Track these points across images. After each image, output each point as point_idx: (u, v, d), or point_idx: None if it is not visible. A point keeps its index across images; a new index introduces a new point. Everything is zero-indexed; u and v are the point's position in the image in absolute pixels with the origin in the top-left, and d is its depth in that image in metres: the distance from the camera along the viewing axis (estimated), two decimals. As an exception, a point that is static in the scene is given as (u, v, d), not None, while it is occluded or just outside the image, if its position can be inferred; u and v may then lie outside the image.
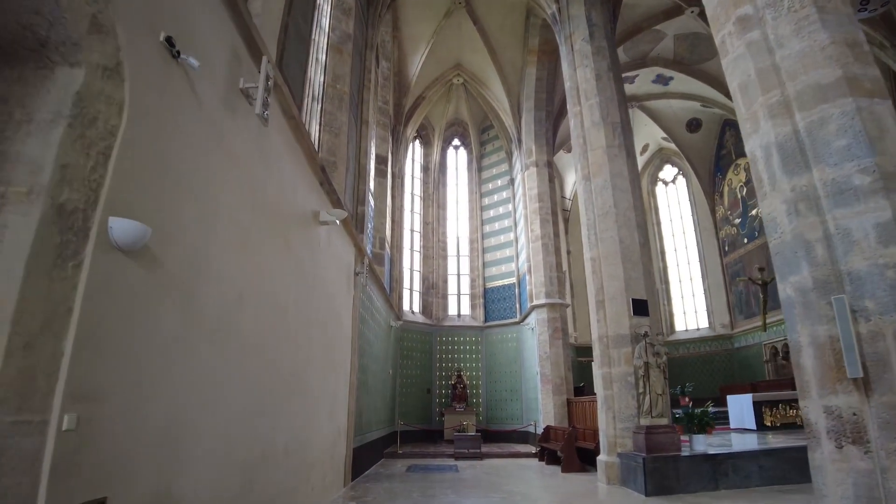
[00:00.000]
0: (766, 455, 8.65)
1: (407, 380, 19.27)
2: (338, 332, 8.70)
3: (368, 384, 12.18)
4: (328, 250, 8.08)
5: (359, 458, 10.67)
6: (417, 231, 21.87)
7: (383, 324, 14.98)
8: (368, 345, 12.14)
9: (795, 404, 13.51)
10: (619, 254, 10.65)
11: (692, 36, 19.68)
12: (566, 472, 11.26)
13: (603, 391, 10.22)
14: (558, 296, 17.08)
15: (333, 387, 8.37)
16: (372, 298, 12.73)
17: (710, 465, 8.47)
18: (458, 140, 23.89)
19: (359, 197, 10.81)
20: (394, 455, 14.58)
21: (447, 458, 14.14)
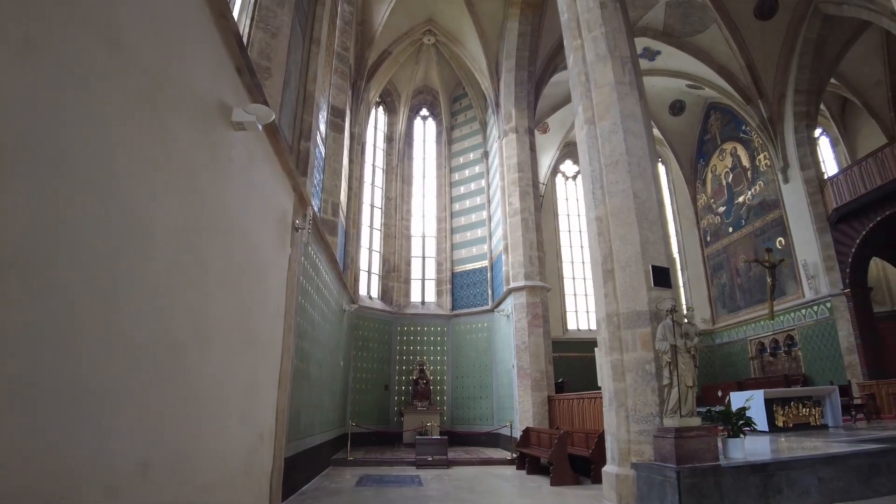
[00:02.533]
0: (825, 464, 6.59)
1: (362, 374, 16.77)
2: (261, 298, 6.21)
3: (311, 375, 9.68)
4: (248, 176, 5.59)
5: (294, 470, 8.21)
6: (378, 207, 19.39)
7: (334, 305, 12.49)
8: (312, 326, 9.64)
9: (809, 402, 11.68)
10: (633, 210, 8.45)
11: (685, 4, 17.92)
12: (557, 485, 9.03)
13: (612, 384, 8.01)
14: (539, 278, 14.90)
15: (251, 374, 5.87)
16: (319, 269, 10.23)
17: (759, 479, 6.33)
18: (426, 110, 21.54)
19: (303, 130, 8.33)
20: (343, 463, 12.10)
21: (407, 466, 11.75)
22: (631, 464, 7.42)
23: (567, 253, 25.94)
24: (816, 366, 16.78)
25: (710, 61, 19.23)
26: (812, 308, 17.05)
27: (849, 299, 15.83)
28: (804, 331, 17.41)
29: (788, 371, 17.72)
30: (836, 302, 16.11)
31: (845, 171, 16.38)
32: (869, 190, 15.03)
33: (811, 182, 17.39)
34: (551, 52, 17.50)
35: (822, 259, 16.65)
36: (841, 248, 16.38)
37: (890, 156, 14.49)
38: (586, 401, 11.49)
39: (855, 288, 15.90)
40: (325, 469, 11.35)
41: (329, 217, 12.05)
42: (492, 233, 18.39)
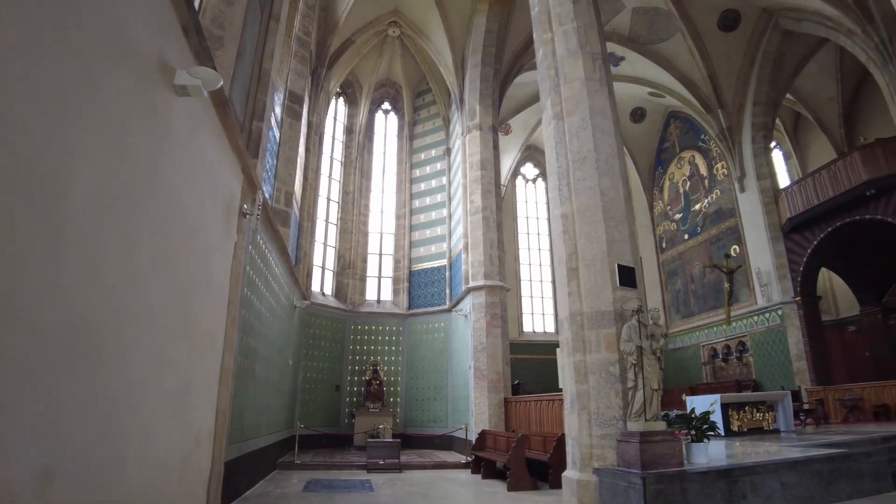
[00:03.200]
0: (788, 469, 6.47)
1: (312, 373, 16.12)
2: (202, 285, 5.63)
3: (257, 373, 9.07)
4: (191, 149, 5.03)
5: (236, 475, 7.62)
6: (335, 200, 18.74)
7: (284, 300, 11.86)
8: (259, 320, 9.03)
9: (763, 407, 11.74)
10: (600, 208, 8.24)
11: (652, 11, 18.01)
12: (514, 490, 8.69)
13: (574, 386, 7.73)
14: (499, 277, 14.62)
15: (187, 369, 5.30)
16: (268, 260, 9.63)
17: (724, 484, 6.14)
18: (388, 103, 21.00)
19: (256, 109, 7.75)
20: (290, 466, 11.49)
21: (358, 469, 11.23)
22: (593, 469, 7.15)
23: (525, 255, 25.89)
24: (767, 371, 17.08)
25: (672, 69, 19.39)
26: (764, 315, 17.36)
27: (799, 307, 16.18)
28: (756, 337, 17.71)
29: (740, 376, 18.00)
30: (787, 309, 16.44)
31: (800, 181, 16.75)
32: (822, 201, 15.38)
33: (766, 192, 17.73)
34: (517, 52, 17.31)
35: (775, 267, 16.97)
36: (793, 257, 16.74)
37: (842, 169, 14.85)
38: (545, 403, 11.23)
39: (805, 296, 16.27)
40: (271, 473, 10.72)
41: (281, 207, 11.42)
42: (451, 231, 18.03)
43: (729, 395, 11.80)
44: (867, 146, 14.50)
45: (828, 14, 14.39)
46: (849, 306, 19.82)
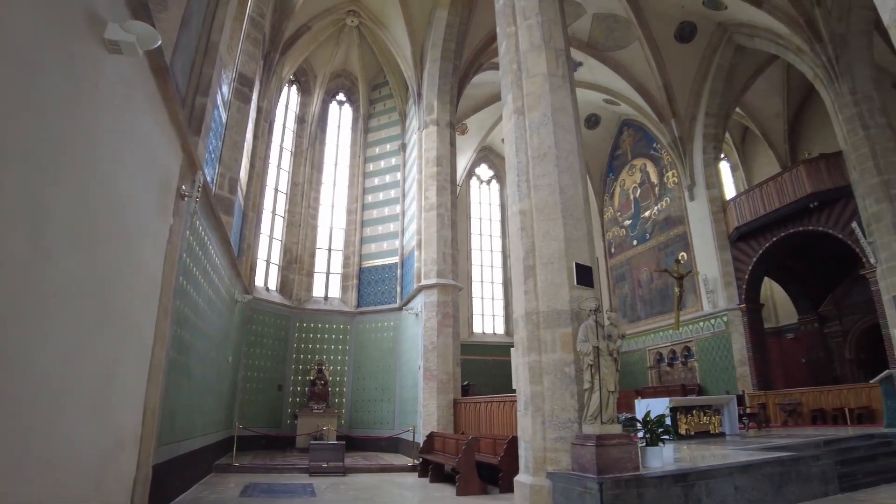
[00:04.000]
0: (742, 472, 6.43)
1: (253, 372, 15.39)
2: (130, 269, 5.07)
3: (192, 370, 8.44)
4: (123, 116, 4.48)
5: (167, 479, 7.01)
6: (283, 192, 18.00)
7: (225, 294, 11.20)
8: (196, 313, 8.41)
9: (709, 410, 11.87)
10: (559, 205, 8.04)
11: (611, 18, 18.14)
12: (464, 494, 8.39)
13: (529, 387, 7.48)
14: (452, 276, 14.33)
15: (109, 363, 4.73)
16: (208, 249, 9.00)
17: (681, 489, 6.01)
18: (343, 95, 20.40)
19: (201, 83, 7.15)
20: (227, 469, 10.83)
21: (300, 472, 10.68)
22: (546, 473, 6.92)
23: (477, 256, 25.79)
24: (711, 376, 17.45)
25: (629, 77, 19.62)
26: (710, 321, 17.74)
27: (743, 314, 16.61)
28: (701, 342, 18.08)
29: (685, 381, 18.33)
30: (731, 316, 16.85)
31: (748, 192, 17.21)
32: (768, 211, 15.83)
33: (715, 201, 18.16)
34: (477, 51, 17.10)
35: (721, 275, 17.38)
36: (739, 265, 17.18)
37: (788, 181, 15.32)
38: (496, 405, 10.99)
39: (749, 304, 16.73)
40: (206, 476, 10.05)
41: (225, 193, 10.77)
42: (405, 228, 17.62)
43: (678, 399, 11.86)
44: (812, 160, 14.99)
45: (779, 32, 14.84)
46: (788, 315, 20.59)
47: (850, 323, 18.33)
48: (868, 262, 13.12)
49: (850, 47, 13.68)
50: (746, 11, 15.33)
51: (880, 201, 12.67)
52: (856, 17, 13.69)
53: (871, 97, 13.37)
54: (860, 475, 7.49)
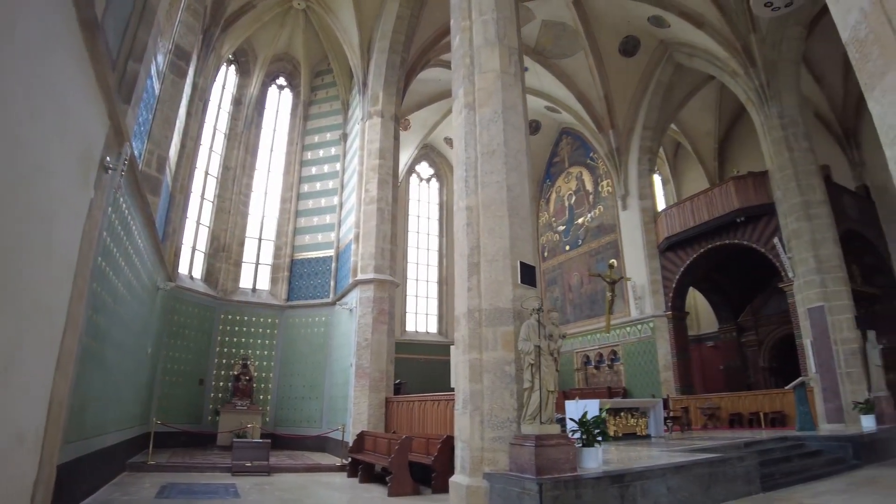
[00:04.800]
0: (674, 473, 6.56)
1: (174, 364, 14.50)
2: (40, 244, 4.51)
3: (108, 360, 7.76)
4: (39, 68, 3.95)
5: (74, 479, 6.41)
6: (214, 175, 17.09)
7: (146, 280, 10.44)
8: (115, 299, 7.74)
9: (637, 413, 12.17)
10: (505, 203, 8.00)
11: (559, 26, 18.42)
12: (396, 495, 8.15)
13: (468, 385, 7.36)
14: (389, 272, 14.05)
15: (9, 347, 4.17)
16: (131, 230, 8.33)
17: (617, 489, 6.04)
18: (284, 79, 19.63)
19: (135, 48, 6.55)
20: (143, 468, 10.09)
21: (221, 472, 10.11)
22: (483, 474, 6.80)
23: (413, 254, 25.58)
24: (636, 380, 18.02)
25: (571, 86, 19.98)
26: (636, 326, 18.30)
27: (669, 321, 17.27)
28: (627, 347, 18.63)
29: (611, 383, 18.84)
30: (657, 322, 17.46)
31: (678, 204, 17.89)
32: (697, 224, 16.51)
33: (647, 211, 18.79)
34: (426, 46, 16.91)
35: (649, 282, 17.98)
36: (666, 273, 17.83)
37: (718, 196, 16.06)
38: (429, 404, 10.82)
39: (675, 311, 17.42)
40: (119, 475, 9.32)
41: (153, 172, 10.03)
42: (342, 221, 17.14)
43: (608, 401, 12.10)
44: (740, 177, 15.75)
45: (717, 54, 15.55)
46: (709, 323, 21.65)
47: (766, 333, 19.46)
48: (787, 276, 13.89)
49: (781, 74, 14.49)
50: (688, 32, 15.95)
51: (800, 219, 13.46)
52: (787, 47, 14.53)
53: (797, 122, 14.21)
54: (778, 475, 7.84)
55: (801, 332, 13.38)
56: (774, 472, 7.91)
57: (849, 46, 3.87)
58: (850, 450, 9.31)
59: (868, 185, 17.57)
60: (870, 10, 3.62)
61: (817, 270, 13.01)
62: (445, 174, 27.13)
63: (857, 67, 3.89)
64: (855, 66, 3.90)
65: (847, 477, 8.22)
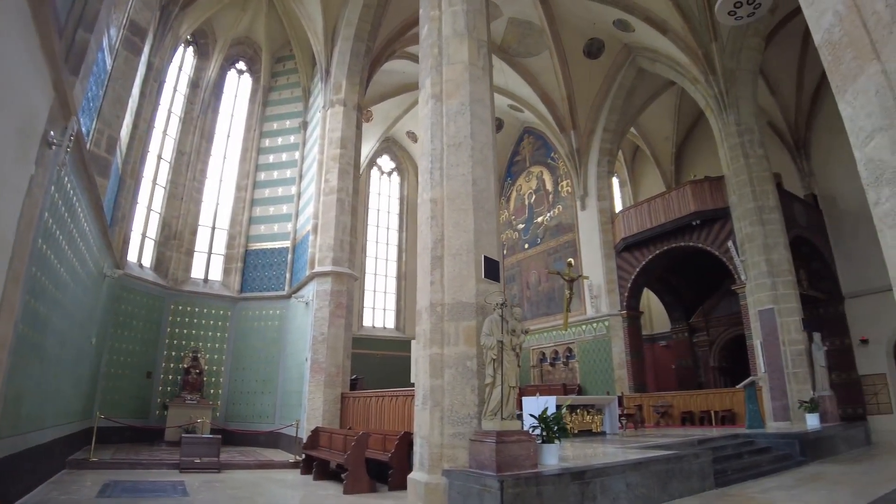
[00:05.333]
0: (633, 470, 6.61)
1: (120, 356, 13.85)
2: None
3: (47, 350, 7.28)
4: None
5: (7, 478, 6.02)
6: (167, 160, 16.39)
7: (92, 266, 9.90)
8: (56, 284, 7.27)
9: (592, 410, 12.32)
10: (470, 197, 7.94)
11: (526, 25, 18.44)
12: (352, 493, 7.94)
13: (429, 380, 7.25)
14: (348, 265, 13.78)
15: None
16: (76, 212, 7.85)
17: (577, 486, 6.03)
18: (244, 63, 19.00)
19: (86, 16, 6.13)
20: (84, 465, 9.56)
21: (169, 469, 9.69)
22: (443, 470, 6.71)
23: (372, 248, 25.30)
24: (590, 377, 18.26)
25: (535, 85, 20.06)
26: (592, 325, 18.55)
27: (624, 320, 17.59)
28: (583, 345, 18.87)
29: (566, 380, 19.05)
30: (612, 321, 17.75)
31: (636, 206, 18.20)
32: (654, 225, 16.83)
33: (605, 212, 19.09)
34: (392, 37, 16.69)
35: (606, 282, 18.25)
36: (622, 273, 18.14)
37: (675, 199, 16.41)
38: (387, 399, 10.64)
39: (630, 311, 17.75)
40: (58, 473, 8.79)
41: (102, 153, 9.48)
42: (299, 211, 16.72)
43: (565, 398, 12.17)
44: (697, 182, 16.14)
45: (679, 61, 15.88)
46: (662, 324, 22.16)
47: (716, 334, 20.05)
48: (739, 279, 14.31)
49: (739, 83, 14.93)
50: (652, 37, 16.23)
51: (754, 224, 13.89)
52: (745, 57, 14.99)
53: (753, 130, 14.65)
54: (730, 471, 8.03)
55: (752, 334, 13.80)
56: (727, 468, 8.08)
57: (821, 49, 3.90)
58: (796, 447, 9.63)
59: (816, 195, 18.32)
60: (845, 13, 3.65)
61: (769, 274, 13.45)
62: (407, 168, 26.92)
63: (829, 70, 3.93)
64: (827, 68, 3.94)
65: (795, 473, 8.48)
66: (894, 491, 6.46)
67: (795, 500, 6.49)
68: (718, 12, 11.92)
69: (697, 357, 20.56)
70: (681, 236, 16.44)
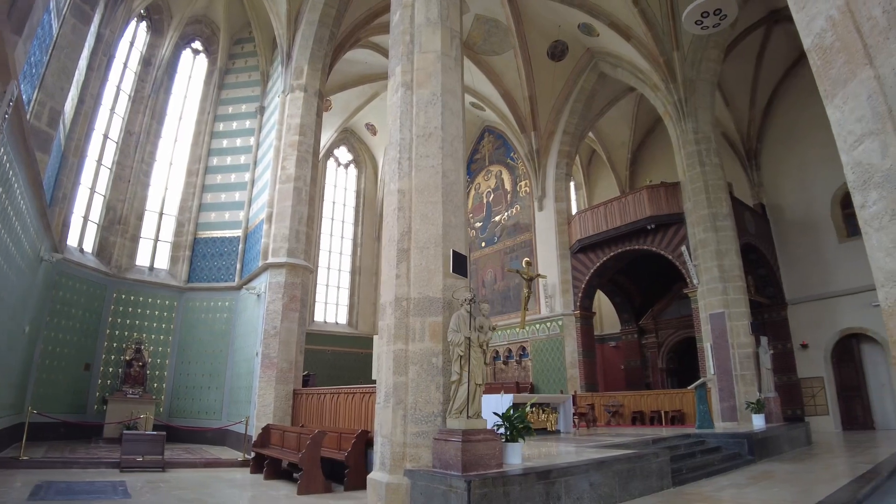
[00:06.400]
0: (596, 469, 6.56)
1: (56, 347, 12.95)
2: None
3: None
4: None
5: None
6: (114, 140, 15.46)
7: (28, 249, 9.21)
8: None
9: (548, 408, 12.34)
10: (440, 189, 7.74)
11: (492, 22, 18.35)
12: (307, 493, 7.62)
13: (392, 377, 7.01)
14: (304, 256, 13.34)
15: None
16: (12, 187, 7.25)
17: (543, 487, 5.92)
18: (200, 43, 18.15)
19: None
20: (14, 464, 8.83)
21: (108, 468, 9.09)
22: (405, 470, 6.49)
23: (326, 241, 24.78)
24: (543, 376, 18.39)
25: (499, 84, 20.01)
26: (546, 324, 18.69)
27: (577, 320, 17.80)
28: (536, 343, 18.98)
29: (519, 378, 19.14)
30: (566, 321, 17.94)
31: (593, 208, 18.41)
32: (609, 228, 17.07)
33: (562, 214, 19.27)
34: (357, 24, 16.30)
35: (560, 282, 18.41)
36: (577, 274, 18.35)
37: (631, 203, 16.68)
38: (343, 396, 10.31)
39: (583, 311, 17.98)
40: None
41: (43, 126, 8.80)
42: (253, 199, 16.10)
43: (522, 395, 12.16)
44: (654, 187, 16.43)
45: (641, 67, 16.15)
46: (612, 325, 22.57)
47: (665, 336, 20.52)
48: (692, 283, 14.64)
49: (698, 92, 15.30)
50: (616, 43, 16.43)
51: (707, 230, 14.25)
52: (705, 67, 15.38)
53: (710, 138, 15.05)
54: (685, 470, 8.14)
55: (703, 336, 14.14)
56: (682, 467, 8.19)
57: (810, 53, 3.89)
58: (745, 446, 9.89)
59: (764, 204, 19.01)
60: (839, 18, 3.63)
61: (720, 279, 13.82)
62: (365, 161, 26.49)
63: (817, 74, 3.91)
64: (816, 73, 3.92)
65: (745, 471, 8.69)
66: (841, 490, 6.66)
67: (750, 497, 6.62)
68: (685, 20, 12.15)
69: (646, 358, 21.01)
70: (635, 240, 16.71)
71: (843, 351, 16.63)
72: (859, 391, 16.20)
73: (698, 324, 14.45)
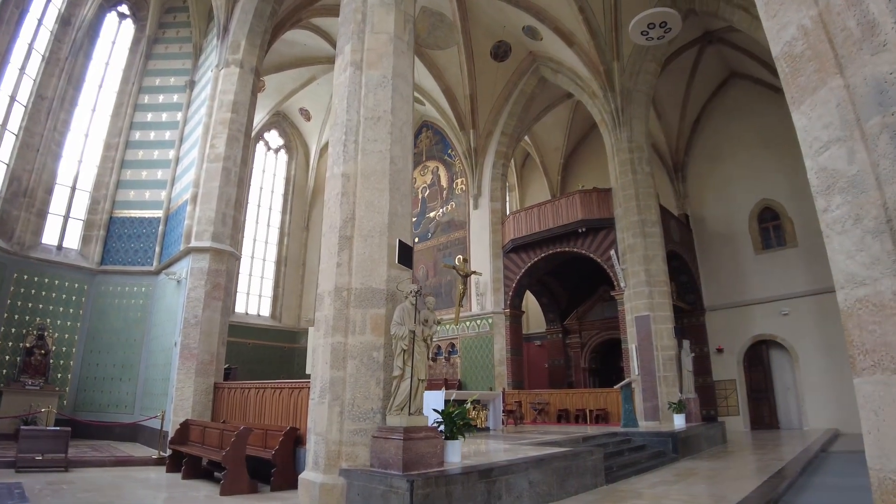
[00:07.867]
0: (535, 467, 6.53)
1: (-57, 331, 11.59)
2: None
3: None
4: None
5: None
6: (22, 103, 13.99)
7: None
8: None
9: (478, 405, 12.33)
10: (387, 175, 7.50)
11: (438, 16, 18.15)
12: (230, 494, 7.11)
13: (329, 372, 6.69)
14: (230, 242, 12.65)
15: None
16: None
17: (485, 486, 5.81)
18: (127, 7, 16.73)
19: None
20: None
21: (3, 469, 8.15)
22: (340, 470, 6.19)
23: (251, 229, 23.80)
24: (471, 373, 18.46)
25: (440, 79, 19.87)
26: (476, 321, 18.78)
27: (507, 318, 18.03)
28: (466, 341, 19.03)
29: (447, 375, 19.12)
30: (496, 319, 18.13)
31: (527, 209, 18.66)
32: (543, 229, 17.36)
33: (496, 213, 19.48)
34: (300, 4, 15.79)
35: (492, 280, 18.56)
36: (508, 273, 18.59)
37: (564, 206, 17.04)
38: (269, 391, 9.78)
39: (513, 310, 18.24)
40: None
41: (-62, 79, 7.80)
42: (176, 179, 15.08)
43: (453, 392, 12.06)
44: (587, 192, 16.86)
45: (581, 74, 16.53)
46: (537, 324, 23.01)
47: (588, 336, 21.11)
48: (619, 286, 15.09)
49: (634, 103, 15.84)
50: (558, 48, 16.70)
51: (636, 236, 14.76)
52: (643, 80, 15.95)
53: (642, 148, 15.64)
54: (616, 468, 8.30)
55: (628, 338, 14.60)
56: (613, 464, 8.34)
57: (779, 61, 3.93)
58: (669, 444, 10.26)
59: (688, 215, 19.98)
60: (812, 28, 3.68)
61: (647, 283, 14.33)
62: (297, 147, 25.65)
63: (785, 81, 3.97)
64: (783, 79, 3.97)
65: (671, 468, 8.99)
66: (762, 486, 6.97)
67: (681, 493, 6.81)
68: (632, 30, 12.50)
69: (569, 357, 21.54)
70: (566, 242, 17.03)
71: (753, 355, 17.80)
72: (767, 393, 17.37)
73: (624, 326, 14.91)
